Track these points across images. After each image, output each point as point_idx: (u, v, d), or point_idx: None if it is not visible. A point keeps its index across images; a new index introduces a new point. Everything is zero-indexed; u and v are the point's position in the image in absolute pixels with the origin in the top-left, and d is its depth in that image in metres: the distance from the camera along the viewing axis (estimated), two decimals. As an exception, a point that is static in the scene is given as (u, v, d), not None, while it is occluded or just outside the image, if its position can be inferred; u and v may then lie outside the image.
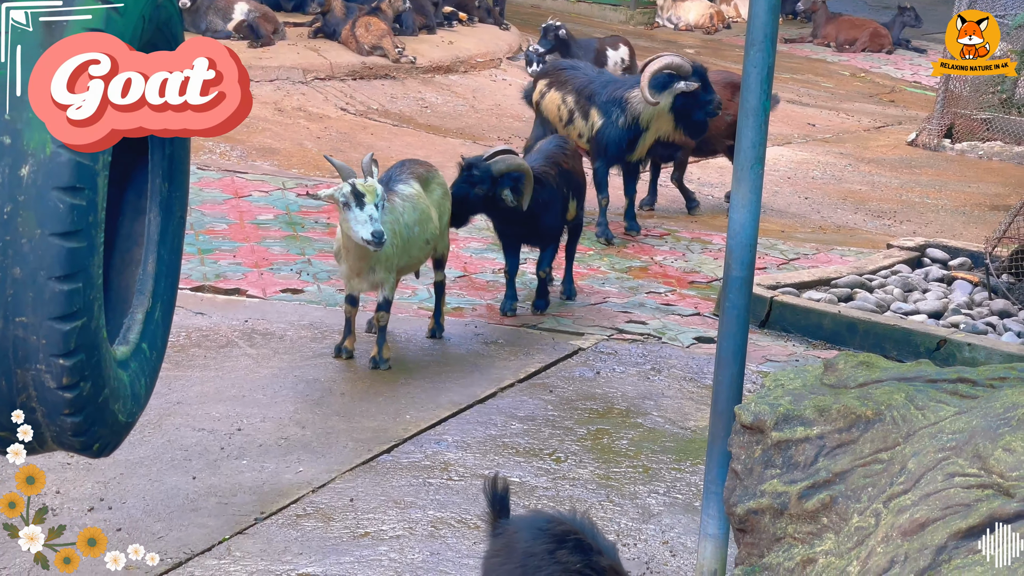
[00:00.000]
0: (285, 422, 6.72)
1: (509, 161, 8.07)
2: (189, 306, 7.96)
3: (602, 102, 10.39)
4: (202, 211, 9.94)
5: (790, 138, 15.01)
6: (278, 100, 13.86)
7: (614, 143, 10.29)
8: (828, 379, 4.53)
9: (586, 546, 4.15)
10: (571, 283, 9.01)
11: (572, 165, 8.76)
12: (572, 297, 8.96)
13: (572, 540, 4.15)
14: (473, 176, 8.00)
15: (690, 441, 6.83)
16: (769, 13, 4.79)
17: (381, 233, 7.00)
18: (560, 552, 4.12)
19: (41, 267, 4.03)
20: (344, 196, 7.05)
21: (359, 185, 7.05)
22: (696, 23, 21.75)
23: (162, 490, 5.93)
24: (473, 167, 8.02)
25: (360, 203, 7.02)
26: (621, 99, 10.27)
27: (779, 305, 8.72)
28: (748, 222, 4.91)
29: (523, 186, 8.06)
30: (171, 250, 5.07)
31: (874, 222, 11.91)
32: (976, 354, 7.96)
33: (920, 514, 3.84)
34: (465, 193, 8.02)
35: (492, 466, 6.35)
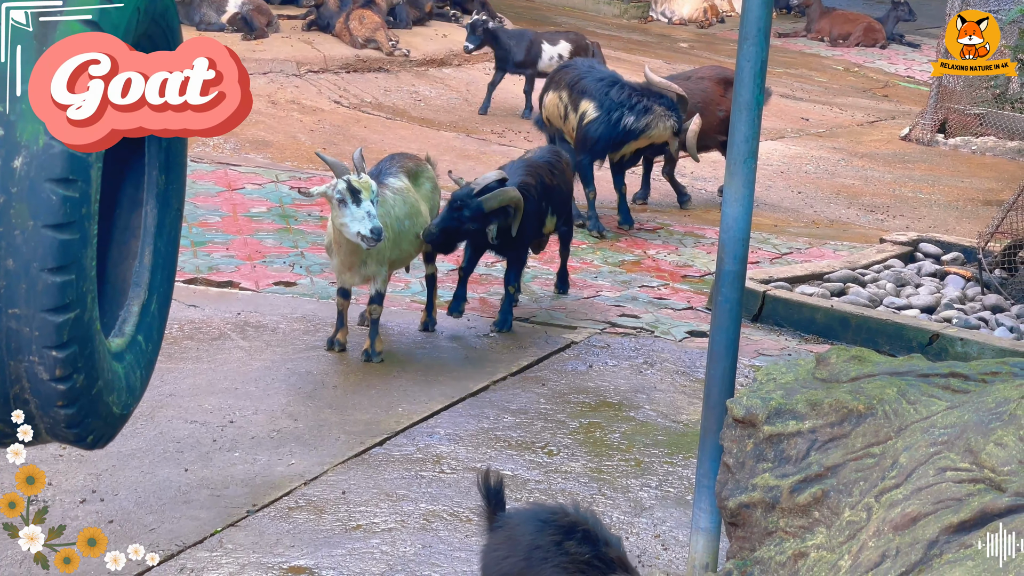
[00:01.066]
0: (277, 415, 6.72)
1: (501, 196, 7.69)
2: (182, 298, 7.95)
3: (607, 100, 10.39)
4: (195, 203, 9.93)
5: (783, 132, 15.01)
6: (271, 93, 13.85)
7: (604, 138, 10.32)
8: (820, 373, 4.53)
9: (594, 537, 4.16)
10: (565, 279, 8.97)
11: (557, 180, 8.42)
12: (564, 292, 8.92)
13: (580, 531, 4.16)
14: (463, 215, 7.62)
15: (682, 435, 6.84)
16: (763, 7, 4.79)
17: (380, 229, 6.96)
18: (568, 543, 4.12)
19: (34, 259, 4.03)
20: (340, 193, 7.00)
21: (355, 182, 7.00)
22: (690, 17, 21.75)
23: (154, 482, 5.94)
24: (464, 206, 7.63)
25: (356, 199, 6.98)
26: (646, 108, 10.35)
27: (772, 299, 8.73)
28: (741, 216, 4.92)
29: (513, 215, 7.77)
30: (168, 242, 5.07)
31: (867, 217, 11.92)
32: (968, 349, 7.98)
33: (911, 508, 3.85)
34: (455, 229, 7.66)
35: (484, 459, 6.36)
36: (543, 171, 8.31)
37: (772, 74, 16.26)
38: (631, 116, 10.26)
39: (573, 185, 8.98)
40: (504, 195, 7.72)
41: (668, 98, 10.33)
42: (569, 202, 8.80)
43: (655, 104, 10.32)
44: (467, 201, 7.63)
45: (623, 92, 10.35)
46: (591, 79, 10.49)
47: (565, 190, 8.60)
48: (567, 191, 8.68)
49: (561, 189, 8.50)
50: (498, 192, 7.70)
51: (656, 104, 10.32)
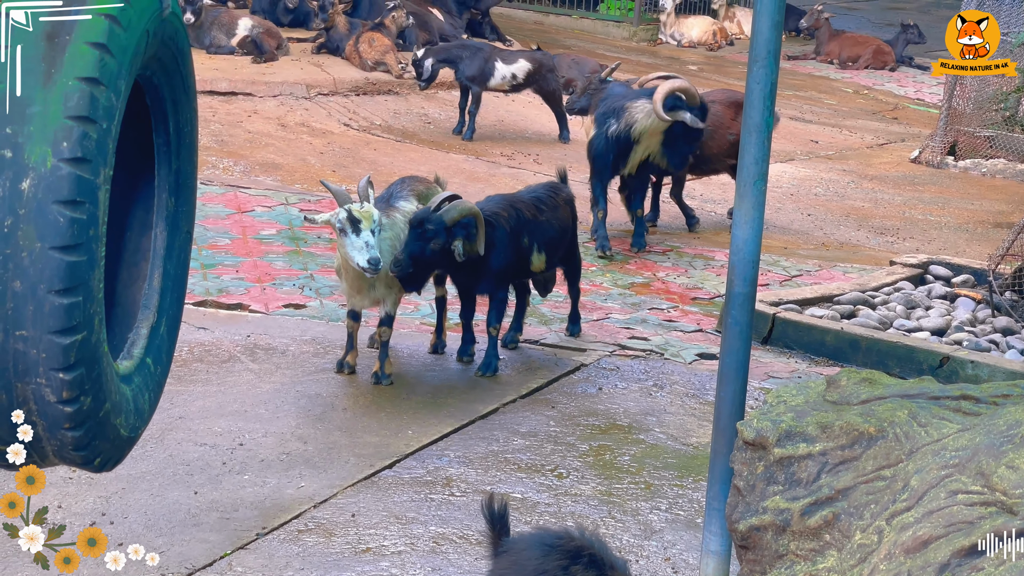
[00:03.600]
0: (287, 437, 6.71)
1: (460, 207, 7.45)
2: (192, 321, 7.96)
3: (599, 113, 10.42)
4: (205, 226, 9.95)
5: (793, 155, 15.02)
6: (281, 115, 13.88)
7: (602, 154, 10.32)
8: (831, 396, 4.52)
9: (600, 561, 4.14)
10: (576, 320, 8.63)
11: (546, 216, 8.06)
12: (574, 334, 8.56)
13: (586, 556, 4.15)
14: (427, 231, 7.34)
15: (692, 457, 6.82)
16: (772, 30, 4.80)
17: (378, 260, 7.00)
18: (574, 568, 4.11)
19: (41, 280, 4.02)
20: (340, 222, 7.05)
21: (355, 211, 7.04)
22: (699, 40, 21.79)
23: (164, 505, 5.93)
24: (424, 221, 7.36)
25: (356, 229, 7.02)
26: (621, 108, 10.31)
27: (781, 322, 8.72)
28: (751, 238, 4.91)
29: (475, 231, 7.49)
30: (177, 265, 5.06)
31: (877, 239, 11.91)
32: (979, 371, 7.96)
33: (923, 531, 3.84)
34: (421, 250, 7.34)
35: (494, 482, 6.35)
36: (523, 205, 7.98)
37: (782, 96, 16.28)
38: (614, 121, 10.26)
39: (575, 223, 8.51)
40: (461, 206, 7.46)
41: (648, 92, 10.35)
42: (565, 240, 8.32)
43: (628, 102, 10.32)
44: (428, 217, 7.38)
45: (610, 102, 10.38)
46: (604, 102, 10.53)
47: (557, 226, 8.17)
48: (561, 227, 8.22)
49: (551, 225, 8.11)
50: (456, 204, 7.47)
51: (630, 102, 10.33)
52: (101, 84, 4.02)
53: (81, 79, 3.98)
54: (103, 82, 4.03)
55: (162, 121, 4.86)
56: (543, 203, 8.10)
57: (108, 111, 4.05)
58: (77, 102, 3.97)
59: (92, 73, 4.00)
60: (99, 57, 4.03)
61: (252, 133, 13.18)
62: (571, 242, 8.44)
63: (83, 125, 3.97)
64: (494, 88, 14.00)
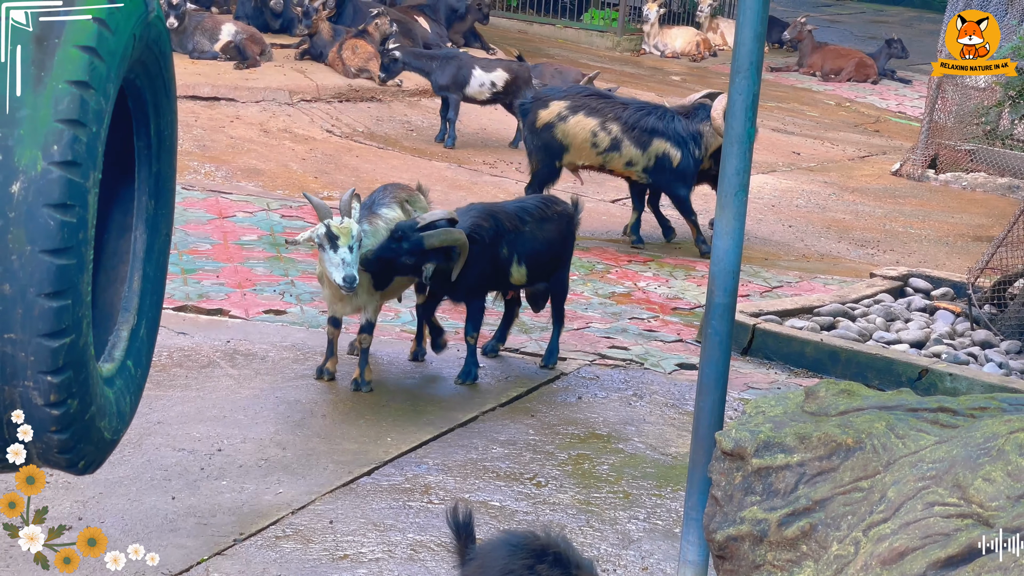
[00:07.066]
0: (266, 443, 6.70)
1: (444, 236, 7.26)
2: (171, 326, 7.94)
3: (676, 135, 10.81)
4: (186, 231, 9.93)
5: (775, 166, 15.05)
6: (264, 121, 13.87)
7: (692, 174, 10.97)
8: (809, 407, 4.53)
9: (565, 560, 4.15)
10: (553, 353, 8.16)
11: (528, 228, 7.79)
12: (547, 365, 8.10)
13: (551, 555, 4.15)
14: (401, 247, 7.23)
15: (671, 467, 6.83)
16: (755, 41, 4.81)
17: (353, 278, 7.01)
18: (540, 566, 4.12)
19: (31, 284, 4.01)
20: (319, 237, 7.08)
21: (334, 227, 7.05)
22: (682, 50, 21.83)
23: (141, 510, 5.91)
24: (404, 237, 7.24)
25: (334, 246, 7.03)
26: (696, 132, 10.85)
27: (761, 332, 8.73)
28: (731, 249, 4.92)
29: (456, 256, 7.34)
30: (157, 268, 5.06)
31: (857, 251, 11.94)
32: (957, 384, 7.98)
33: (900, 543, 3.84)
34: (391, 258, 7.25)
35: (472, 490, 6.34)
36: (504, 216, 7.74)
37: (764, 108, 16.32)
38: (698, 149, 11.03)
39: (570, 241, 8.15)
40: (448, 235, 7.30)
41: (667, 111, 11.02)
42: (552, 254, 7.99)
43: (698, 126, 11.01)
44: (408, 233, 7.26)
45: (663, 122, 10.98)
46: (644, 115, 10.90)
47: (543, 239, 7.87)
48: (548, 241, 7.91)
49: (536, 238, 7.83)
50: (442, 231, 7.28)
51: (699, 126, 11.00)
52: (91, 88, 4.02)
53: (71, 82, 3.98)
54: (93, 86, 4.03)
55: (144, 124, 4.85)
56: (529, 214, 7.86)
57: (97, 115, 4.05)
58: (67, 106, 3.97)
59: (82, 77, 4.00)
60: (89, 61, 4.03)
61: (234, 139, 13.16)
62: (559, 258, 8.08)
63: (73, 129, 3.97)
64: (473, 96, 13.96)
